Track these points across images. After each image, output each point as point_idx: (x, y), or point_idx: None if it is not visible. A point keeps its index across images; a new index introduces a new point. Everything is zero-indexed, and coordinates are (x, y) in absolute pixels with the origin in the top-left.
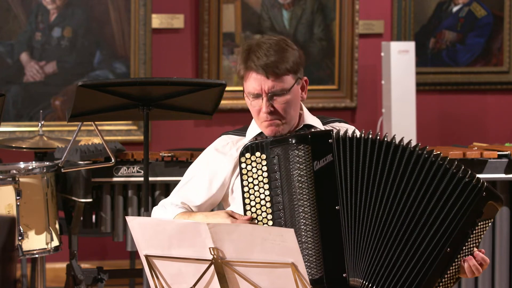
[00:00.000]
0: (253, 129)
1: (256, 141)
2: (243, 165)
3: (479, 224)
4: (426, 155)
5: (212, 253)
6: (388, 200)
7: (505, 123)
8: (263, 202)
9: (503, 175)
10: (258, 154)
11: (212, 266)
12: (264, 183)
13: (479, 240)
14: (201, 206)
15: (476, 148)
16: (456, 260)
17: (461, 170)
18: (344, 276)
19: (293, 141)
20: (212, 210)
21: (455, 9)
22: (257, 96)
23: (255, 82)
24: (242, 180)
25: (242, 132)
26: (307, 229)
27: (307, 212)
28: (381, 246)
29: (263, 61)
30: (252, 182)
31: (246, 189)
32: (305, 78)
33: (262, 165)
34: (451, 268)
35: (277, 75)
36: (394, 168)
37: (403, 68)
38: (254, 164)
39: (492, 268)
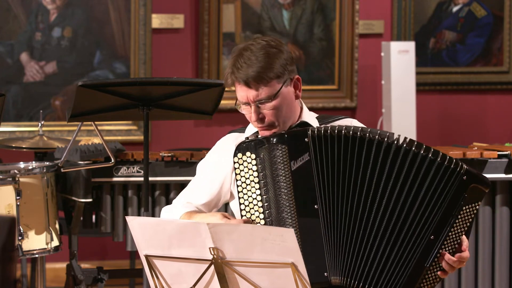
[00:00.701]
0: (252, 126)
1: (247, 141)
2: (236, 165)
3: (464, 209)
4: (404, 147)
5: (212, 253)
6: (368, 195)
7: (505, 123)
8: (255, 202)
9: (503, 175)
10: (248, 154)
11: (212, 266)
12: (255, 183)
13: (467, 225)
14: (206, 204)
15: (476, 148)
16: (442, 247)
17: (439, 156)
18: (326, 275)
19: (274, 141)
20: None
21: (455, 9)
22: (246, 104)
23: (240, 92)
24: (236, 180)
25: (244, 129)
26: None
27: (288, 212)
28: (361, 241)
29: (244, 73)
30: (244, 182)
31: (240, 188)
32: (297, 76)
33: (252, 165)
34: (437, 255)
35: (259, 84)
36: (370, 162)
37: (403, 68)
38: (245, 164)
39: (492, 268)
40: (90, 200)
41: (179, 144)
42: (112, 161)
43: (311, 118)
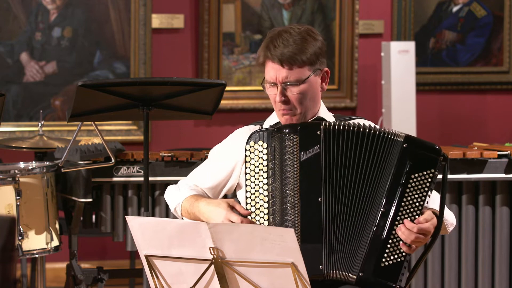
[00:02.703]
0: (271, 118)
1: (261, 130)
2: (247, 153)
3: (412, 177)
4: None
5: (212, 253)
6: (362, 189)
7: (505, 123)
8: (260, 190)
9: (503, 175)
10: (260, 143)
11: (212, 266)
12: (264, 172)
13: (424, 194)
14: (212, 188)
15: (476, 148)
16: (398, 218)
17: (382, 131)
18: (321, 268)
19: (286, 131)
20: (226, 196)
21: (455, 9)
22: (273, 84)
23: (271, 70)
24: (245, 168)
25: (262, 122)
26: (289, 218)
27: (291, 202)
28: (355, 236)
29: (279, 51)
30: (253, 170)
31: (248, 176)
32: (326, 69)
33: (263, 154)
34: (394, 227)
35: (292, 65)
36: (369, 157)
37: (403, 68)
38: (256, 152)
39: (492, 268)
40: (90, 200)
41: (179, 144)
42: (112, 161)
43: (328, 115)
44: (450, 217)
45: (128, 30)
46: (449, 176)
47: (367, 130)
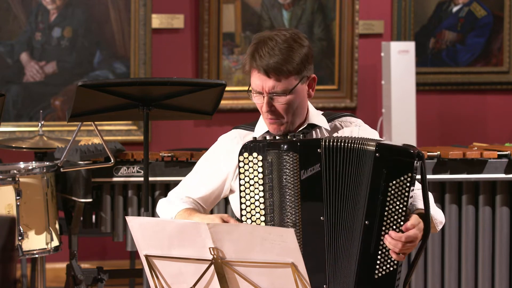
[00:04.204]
0: (262, 125)
1: (255, 141)
2: (241, 164)
3: (391, 185)
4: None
5: (212, 253)
6: (347, 204)
7: (505, 123)
8: (257, 203)
9: (503, 175)
10: (255, 154)
11: (212, 266)
12: (259, 184)
13: (405, 199)
14: (205, 198)
15: (476, 148)
16: (383, 228)
17: (356, 142)
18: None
19: (284, 147)
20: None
21: (455, 9)
22: (259, 93)
23: (257, 80)
24: (239, 179)
25: (251, 127)
26: None
27: (292, 220)
28: (345, 253)
29: (265, 62)
30: (248, 182)
31: (242, 188)
32: (313, 75)
33: (258, 166)
34: (381, 238)
35: (278, 76)
36: (349, 171)
37: (403, 68)
38: (251, 164)
39: (492, 268)
40: (90, 200)
41: (179, 144)
42: (112, 161)
43: (318, 116)
44: (438, 215)
45: (128, 30)
46: (449, 176)
47: (348, 145)
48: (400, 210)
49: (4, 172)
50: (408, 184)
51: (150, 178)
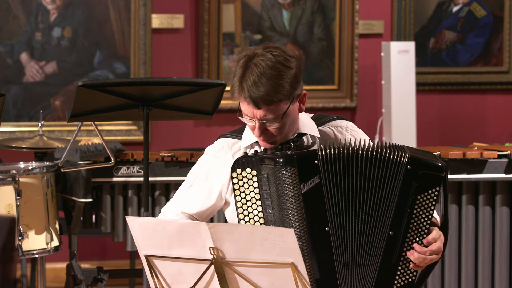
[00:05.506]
0: (249, 135)
1: (247, 156)
2: (235, 181)
3: (419, 198)
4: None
5: (212, 253)
6: (370, 213)
7: (505, 123)
8: (256, 218)
9: (503, 175)
10: (248, 170)
11: (212, 266)
12: (256, 199)
13: (430, 212)
14: (201, 213)
15: (476, 148)
16: (406, 239)
17: (384, 152)
18: None
19: (280, 161)
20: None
21: (455, 9)
22: (251, 118)
23: (247, 108)
24: (235, 196)
25: (238, 135)
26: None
27: (298, 234)
28: (364, 262)
29: (254, 93)
30: (244, 198)
31: (239, 204)
32: (304, 92)
33: (253, 181)
34: (403, 250)
35: (269, 106)
36: (374, 180)
37: (403, 68)
38: (245, 180)
39: (492, 268)
40: (90, 200)
41: (179, 144)
42: (112, 161)
43: (307, 122)
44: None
45: (128, 30)
46: (449, 176)
47: (365, 154)
48: (424, 223)
49: (4, 172)
50: (435, 198)
51: (150, 178)
